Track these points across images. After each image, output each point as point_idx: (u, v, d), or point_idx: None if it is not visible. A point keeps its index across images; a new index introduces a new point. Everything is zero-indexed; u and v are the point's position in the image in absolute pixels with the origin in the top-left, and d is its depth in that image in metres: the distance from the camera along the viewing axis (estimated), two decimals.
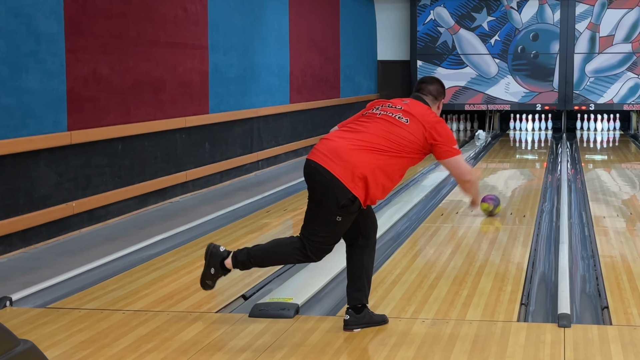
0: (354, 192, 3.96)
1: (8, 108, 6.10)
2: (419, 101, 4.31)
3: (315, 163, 4.05)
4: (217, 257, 4.12)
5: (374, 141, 4.05)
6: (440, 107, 4.43)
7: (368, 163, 3.99)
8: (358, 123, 4.18)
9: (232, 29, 9.92)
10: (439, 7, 16.27)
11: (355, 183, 3.97)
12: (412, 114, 4.17)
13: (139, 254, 6.07)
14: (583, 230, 6.83)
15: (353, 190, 3.95)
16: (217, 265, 4.12)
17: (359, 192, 3.97)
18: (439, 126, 4.17)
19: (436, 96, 4.38)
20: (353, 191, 3.96)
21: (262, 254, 4.15)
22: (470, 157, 12.26)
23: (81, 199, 6.93)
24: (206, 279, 4.16)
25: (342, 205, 3.95)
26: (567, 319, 4.27)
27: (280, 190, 9.10)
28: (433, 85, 4.41)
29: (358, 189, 3.97)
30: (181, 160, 8.69)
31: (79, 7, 6.84)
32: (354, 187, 3.96)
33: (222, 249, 4.15)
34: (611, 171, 10.96)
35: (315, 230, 4.05)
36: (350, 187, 3.95)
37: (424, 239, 6.50)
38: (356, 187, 3.96)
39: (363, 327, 4.18)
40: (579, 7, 15.92)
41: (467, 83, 16.28)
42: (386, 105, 4.26)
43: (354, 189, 3.96)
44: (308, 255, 4.10)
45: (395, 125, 4.11)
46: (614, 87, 15.95)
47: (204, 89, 9.20)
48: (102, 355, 3.91)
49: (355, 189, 3.96)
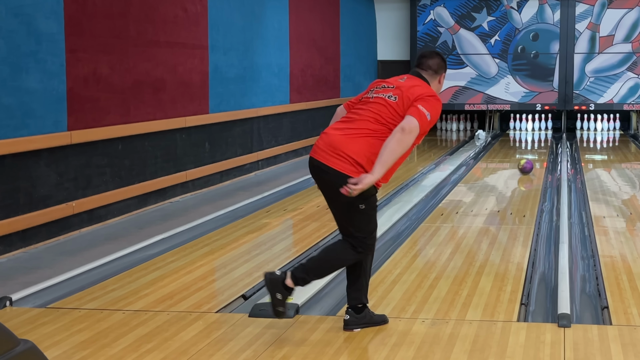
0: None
1: (8, 108, 6.10)
2: (416, 77, 4.23)
3: (317, 161, 4.06)
4: (277, 282, 4.05)
5: (366, 127, 4.03)
6: (442, 81, 4.32)
7: (363, 150, 3.98)
8: (354, 111, 4.16)
9: (232, 29, 9.92)
10: (439, 7, 16.27)
11: (359, 170, 3.96)
12: (402, 90, 4.10)
13: (139, 254, 6.07)
14: (583, 230, 6.83)
15: (358, 175, 3.94)
16: (280, 289, 4.04)
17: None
18: (427, 98, 4.06)
19: (436, 70, 4.28)
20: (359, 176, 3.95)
21: (318, 263, 4.11)
22: (470, 157, 12.27)
23: (81, 199, 6.93)
24: (277, 306, 4.06)
25: (358, 193, 3.94)
26: (567, 319, 4.27)
27: (280, 190, 9.10)
28: (433, 59, 4.30)
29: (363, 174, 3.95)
30: (181, 160, 8.69)
31: (79, 7, 6.84)
32: (357, 173, 3.95)
33: (278, 272, 4.10)
34: (611, 171, 10.96)
35: (352, 227, 4.05)
36: (355, 175, 3.94)
37: (424, 239, 6.50)
38: (360, 172, 3.95)
39: (363, 327, 4.18)
40: (579, 7, 15.92)
41: (467, 83, 16.28)
42: (381, 86, 4.20)
43: (359, 174, 3.94)
44: (360, 252, 4.08)
45: (384, 106, 4.06)
46: (614, 87, 15.95)
47: (204, 89, 9.20)
48: (102, 355, 3.91)
49: (361, 174, 3.94)
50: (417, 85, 4.15)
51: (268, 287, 4.05)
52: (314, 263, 4.11)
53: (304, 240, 6.53)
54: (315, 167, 4.08)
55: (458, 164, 11.22)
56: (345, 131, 4.06)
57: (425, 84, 4.20)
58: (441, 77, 4.31)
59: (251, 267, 5.63)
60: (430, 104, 4.05)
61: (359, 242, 4.06)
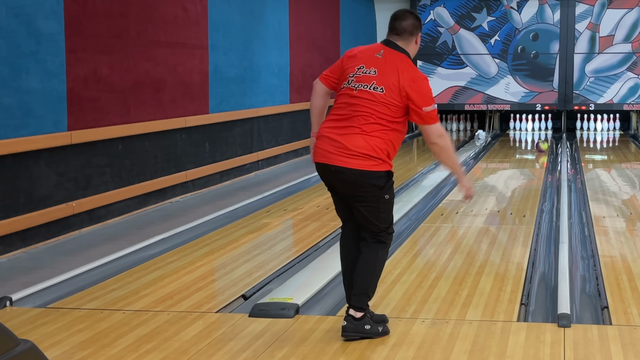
0: (383, 169, 3.97)
1: (8, 108, 6.10)
2: (393, 50, 4.09)
3: (334, 166, 4.01)
4: (353, 324, 4.02)
5: (364, 126, 3.98)
6: (418, 41, 4.18)
7: (371, 145, 3.97)
8: (342, 106, 4.07)
9: (232, 29, 9.92)
10: (439, 7, 16.27)
11: (377, 163, 3.96)
12: (386, 76, 4.01)
13: (139, 254, 6.07)
14: (583, 230, 6.83)
15: (379, 168, 3.96)
16: (360, 327, 4.02)
17: (385, 166, 3.98)
18: (415, 85, 4.00)
19: (412, 32, 4.13)
20: (381, 168, 3.96)
21: (367, 278, 4.06)
22: (470, 157, 12.26)
23: (81, 199, 6.93)
24: (382, 333, 4.08)
25: (383, 185, 3.97)
26: (567, 319, 4.27)
27: (280, 190, 9.10)
28: (407, 20, 4.15)
29: (383, 165, 3.97)
30: (181, 160, 8.69)
31: (79, 7, 6.84)
32: (377, 165, 3.96)
33: (344, 322, 4.05)
34: (611, 171, 10.96)
35: (377, 220, 4.04)
36: (376, 169, 3.96)
37: (424, 239, 6.50)
38: (379, 164, 3.96)
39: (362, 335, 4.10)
40: (579, 7, 15.92)
41: (467, 83, 16.28)
42: (361, 72, 4.06)
43: (379, 166, 3.96)
44: (387, 243, 4.11)
45: (374, 102, 3.99)
46: (614, 87, 15.95)
47: (204, 89, 9.20)
48: (102, 355, 3.91)
49: (381, 166, 3.96)
50: (401, 69, 4.03)
51: (353, 333, 4.01)
52: (362, 281, 4.05)
53: (304, 240, 6.53)
54: (333, 172, 4.04)
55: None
56: (345, 130, 4.02)
57: (405, 60, 4.08)
58: (417, 37, 4.17)
59: (251, 267, 5.63)
60: (425, 97, 4.01)
61: (384, 233, 4.07)
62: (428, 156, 12.38)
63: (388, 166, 4.02)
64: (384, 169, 3.99)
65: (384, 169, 3.99)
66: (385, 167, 4.00)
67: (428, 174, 10.26)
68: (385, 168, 4.00)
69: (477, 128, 16.63)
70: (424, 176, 10.06)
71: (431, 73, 16.23)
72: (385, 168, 4.00)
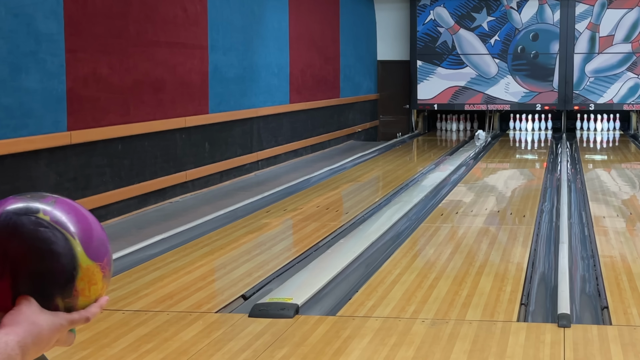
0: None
1: (8, 108, 6.10)
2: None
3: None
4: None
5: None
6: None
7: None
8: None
9: (232, 29, 9.92)
10: (439, 7, 16.27)
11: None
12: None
13: (138, 254, 6.07)
14: (583, 230, 6.83)
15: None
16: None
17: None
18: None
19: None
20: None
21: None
22: (470, 157, 12.26)
23: (81, 199, 6.92)
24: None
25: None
26: (567, 319, 4.27)
27: (280, 190, 9.09)
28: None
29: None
30: (181, 160, 8.69)
31: (79, 7, 6.84)
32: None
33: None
34: (611, 171, 10.96)
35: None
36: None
37: (423, 239, 6.50)
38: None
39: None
40: (579, 7, 15.92)
41: (467, 83, 16.28)
42: None
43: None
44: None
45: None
46: (614, 87, 15.95)
47: (203, 89, 9.20)
48: (102, 355, 3.91)
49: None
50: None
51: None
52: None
53: (304, 240, 6.53)
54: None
55: (458, 164, 11.22)
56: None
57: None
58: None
59: (251, 267, 5.63)
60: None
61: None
62: (428, 156, 12.38)
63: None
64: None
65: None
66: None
67: (428, 174, 10.25)
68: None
69: (477, 128, 16.63)
70: (424, 176, 10.06)
71: (431, 73, 16.24)
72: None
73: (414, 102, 16.37)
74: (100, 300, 1.48)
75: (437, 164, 11.36)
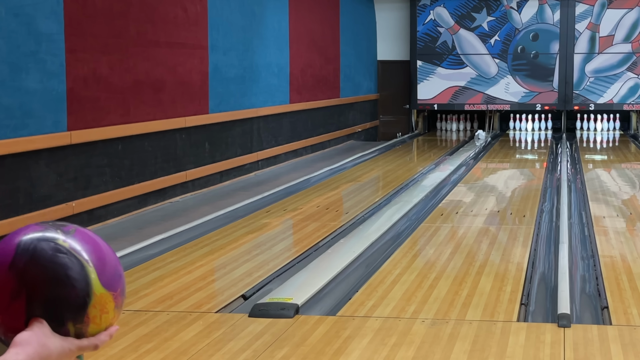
0: None
1: (8, 108, 6.10)
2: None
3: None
4: None
5: None
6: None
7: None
8: None
9: (232, 29, 9.92)
10: (439, 7, 16.27)
11: None
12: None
13: (138, 254, 6.07)
14: (583, 230, 6.83)
15: None
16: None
17: None
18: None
19: None
20: None
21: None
22: (470, 157, 12.26)
23: (81, 199, 6.92)
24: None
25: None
26: (567, 319, 4.27)
27: (280, 190, 9.09)
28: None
29: None
30: (181, 160, 8.69)
31: (79, 7, 6.84)
32: None
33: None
34: (611, 171, 10.96)
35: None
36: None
37: (423, 239, 6.50)
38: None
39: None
40: (579, 7, 15.92)
41: (467, 83, 16.28)
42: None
43: None
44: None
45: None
46: (614, 87, 15.95)
47: (203, 89, 9.20)
48: (102, 355, 3.91)
49: None
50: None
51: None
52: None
53: (304, 240, 6.53)
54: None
55: (458, 164, 11.22)
56: None
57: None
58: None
59: (251, 267, 5.63)
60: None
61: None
62: (428, 156, 12.38)
63: None
64: None
65: None
66: None
67: (428, 174, 10.25)
68: None
69: (477, 128, 16.62)
70: (424, 176, 10.06)
71: (431, 73, 16.24)
72: None
73: (414, 102, 16.37)
74: (110, 329, 1.52)
75: (437, 164, 11.36)
